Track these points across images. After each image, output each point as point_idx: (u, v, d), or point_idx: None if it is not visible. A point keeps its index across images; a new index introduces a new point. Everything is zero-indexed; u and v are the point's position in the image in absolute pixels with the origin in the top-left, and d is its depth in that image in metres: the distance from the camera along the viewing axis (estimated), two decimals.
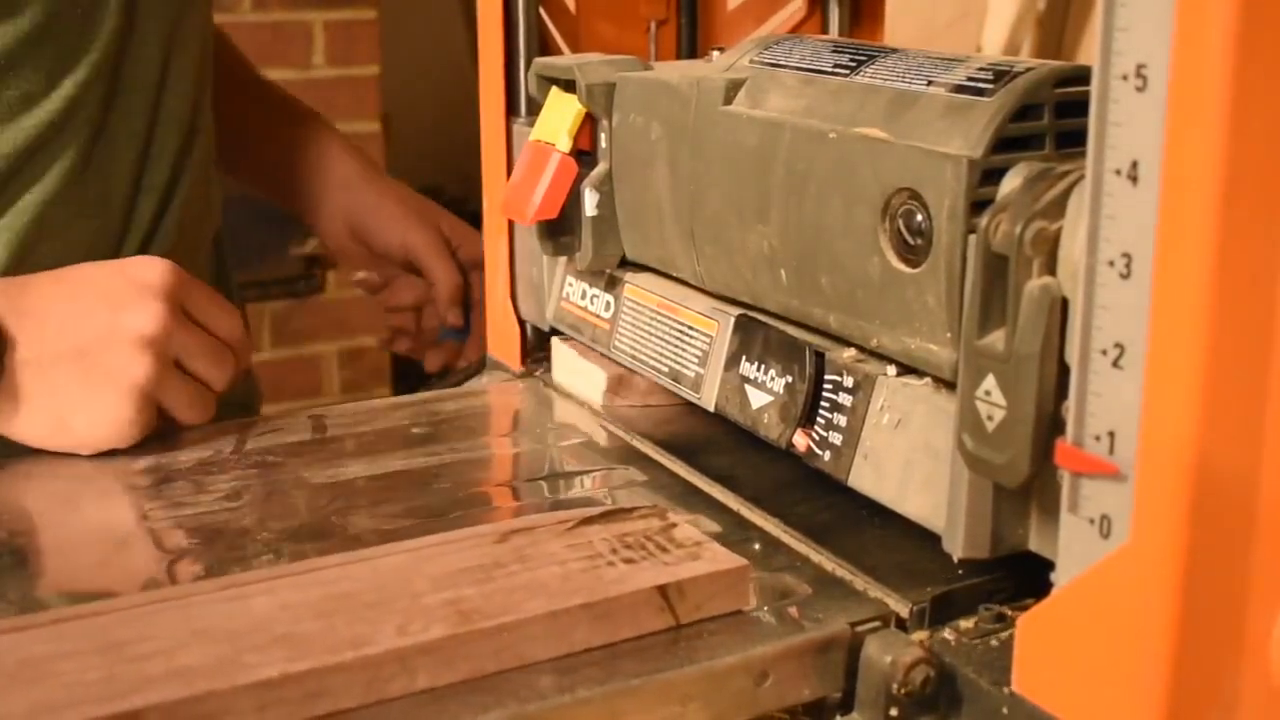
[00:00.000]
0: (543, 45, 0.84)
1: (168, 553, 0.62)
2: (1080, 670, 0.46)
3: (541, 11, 0.84)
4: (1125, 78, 0.43)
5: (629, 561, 0.54)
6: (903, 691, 0.51)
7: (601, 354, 0.79)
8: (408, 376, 2.53)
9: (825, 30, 0.91)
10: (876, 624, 0.54)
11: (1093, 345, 0.45)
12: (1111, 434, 0.45)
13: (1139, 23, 0.42)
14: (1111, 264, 0.44)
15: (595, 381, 0.79)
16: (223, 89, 1.01)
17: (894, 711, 0.51)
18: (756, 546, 0.61)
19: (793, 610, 0.55)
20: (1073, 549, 0.47)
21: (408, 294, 1.08)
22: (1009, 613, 0.54)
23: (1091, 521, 0.46)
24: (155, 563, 0.61)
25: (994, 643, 0.53)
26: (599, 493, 0.69)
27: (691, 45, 0.90)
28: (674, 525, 0.57)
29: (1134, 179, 0.43)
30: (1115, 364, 0.44)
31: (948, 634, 0.54)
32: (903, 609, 0.55)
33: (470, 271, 1.05)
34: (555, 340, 0.82)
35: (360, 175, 1.07)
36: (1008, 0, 1.95)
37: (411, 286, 1.07)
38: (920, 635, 0.54)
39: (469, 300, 1.06)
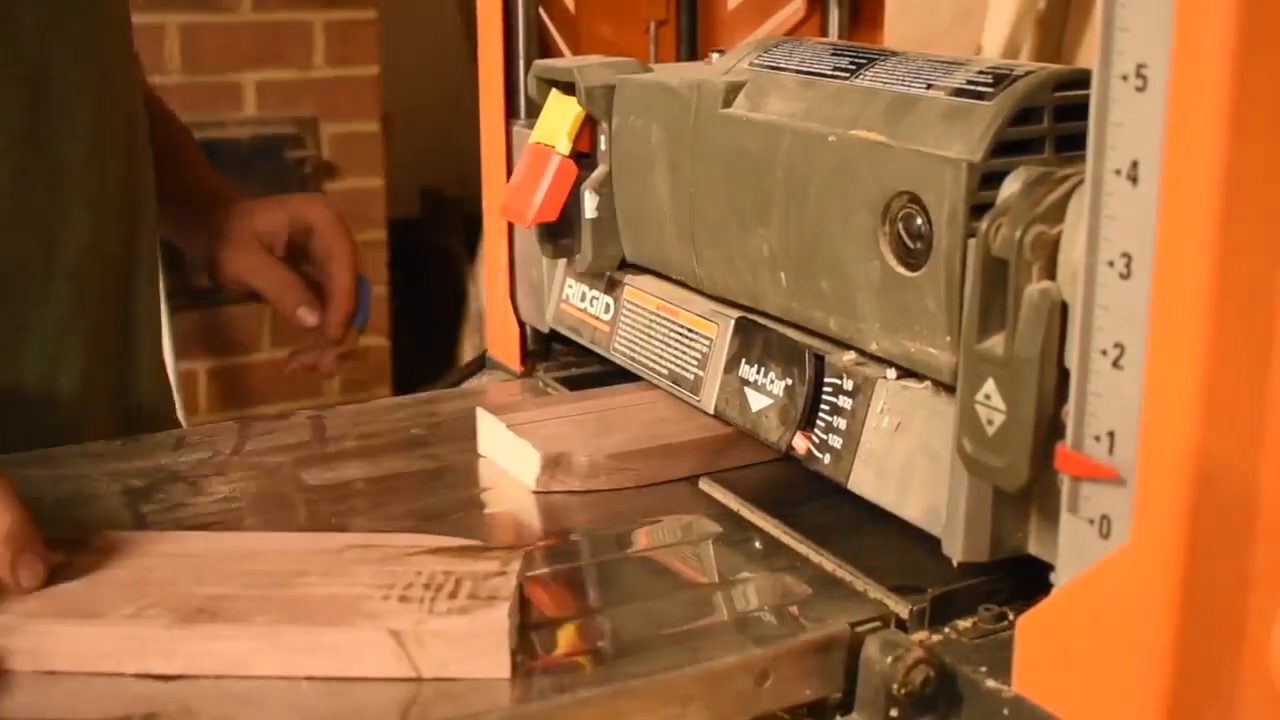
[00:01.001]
0: (542, 46, 0.84)
1: None
2: (1080, 670, 0.47)
3: (541, 12, 0.84)
4: (1125, 78, 0.43)
5: (404, 600, 0.52)
6: (903, 692, 0.51)
7: (536, 428, 0.71)
8: (408, 376, 2.54)
9: (825, 31, 0.91)
10: (877, 624, 0.54)
11: (1093, 345, 0.45)
12: (1111, 434, 0.45)
13: (1139, 23, 0.42)
14: (1111, 264, 0.44)
15: (527, 462, 0.69)
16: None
17: (894, 712, 0.51)
18: (757, 546, 0.62)
19: (793, 610, 0.55)
20: (1072, 549, 0.47)
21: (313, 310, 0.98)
22: (1009, 613, 0.54)
23: (1091, 522, 0.46)
24: None
25: (994, 643, 0.53)
26: (599, 492, 0.69)
27: (691, 45, 0.90)
28: (502, 574, 0.53)
29: (1134, 179, 0.43)
30: (1115, 364, 0.44)
31: (948, 634, 0.54)
32: (903, 609, 0.55)
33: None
34: (480, 411, 0.74)
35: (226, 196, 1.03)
36: (1008, 1, 1.95)
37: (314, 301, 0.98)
38: (920, 635, 0.54)
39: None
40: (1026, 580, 0.53)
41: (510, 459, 0.70)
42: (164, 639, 0.50)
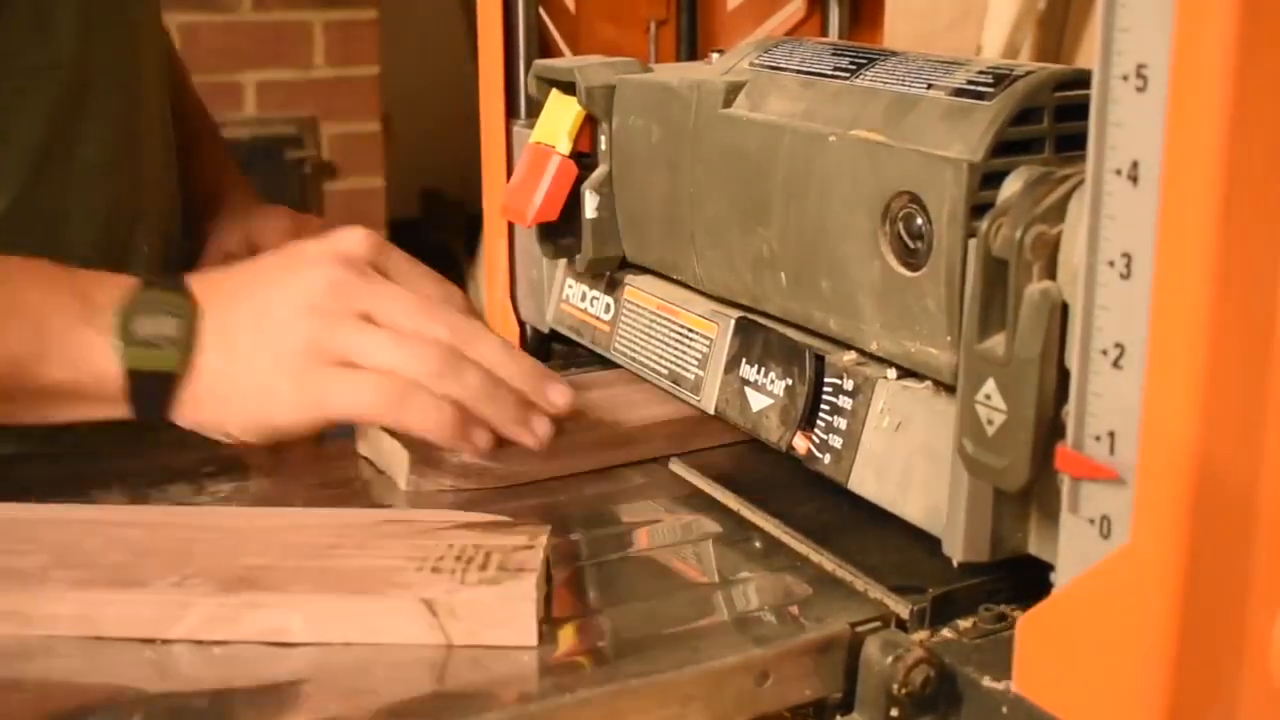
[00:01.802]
0: (543, 46, 0.84)
1: None
2: (1080, 670, 0.47)
3: (541, 12, 0.84)
4: (1125, 78, 0.43)
5: (436, 571, 0.54)
6: (903, 691, 0.51)
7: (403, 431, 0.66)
8: None
9: (825, 31, 0.91)
10: (877, 624, 0.54)
11: (1093, 345, 0.45)
12: (1111, 434, 0.45)
13: (1139, 23, 0.42)
14: (1111, 264, 0.44)
15: (398, 461, 0.68)
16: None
17: (894, 711, 0.51)
18: (757, 545, 0.62)
19: (793, 610, 0.55)
20: (1073, 549, 0.47)
21: None
22: (1009, 613, 0.54)
23: (1091, 522, 0.46)
24: None
25: (994, 643, 0.53)
26: (600, 493, 0.69)
27: (691, 45, 0.90)
28: (530, 548, 0.55)
29: (1134, 179, 0.43)
30: (1115, 364, 0.44)
31: (948, 634, 0.54)
32: (903, 609, 0.55)
33: None
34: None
35: (250, 204, 1.06)
36: (1008, 1, 1.95)
37: None
38: (920, 635, 0.54)
39: None
40: (1026, 580, 0.53)
41: (386, 459, 0.69)
42: (206, 606, 0.52)
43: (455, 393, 0.63)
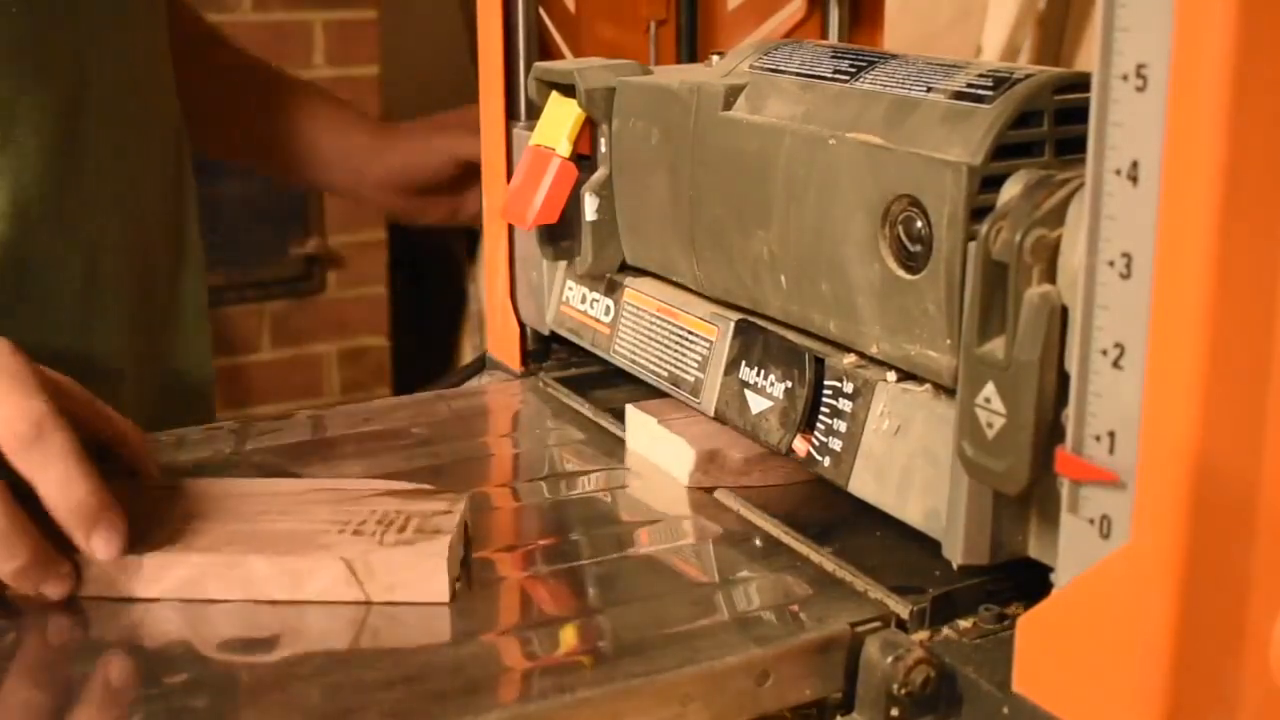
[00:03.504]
0: (543, 47, 0.84)
1: None
2: (1080, 670, 0.47)
3: (541, 13, 0.84)
4: (1125, 78, 0.43)
5: (357, 534, 0.58)
6: (903, 692, 0.51)
7: (688, 422, 0.71)
8: (408, 376, 2.53)
9: (825, 31, 0.91)
10: (877, 624, 0.54)
11: (1093, 345, 0.45)
12: (1111, 434, 0.45)
13: (1139, 23, 0.42)
14: (1111, 264, 0.44)
15: (681, 457, 0.69)
16: (213, 79, 1.02)
17: (894, 712, 0.51)
18: (757, 545, 0.62)
19: (793, 610, 0.55)
20: (1072, 549, 0.47)
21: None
22: (1009, 613, 0.54)
23: (1091, 522, 0.46)
24: None
25: (994, 643, 0.53)
26: (600, 493, 0.69)
27: (691, 45, 0.90)
28: (448, 513, 0.60)
29: (1134, 179, 0.43)
30: (1115, 364, 0.44)
31: (948, 634, 0.54)
32: (903, 609, 0.55)
33: None
34: (631, 409, 0.74)
35: (372, 134, 1.08)
36: (1008, 1, 1.95)
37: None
38: (921, 635, 0.54)
39: None
40: (1027, 580, 0.53)
41: (662, 455, 0.71)
42: (142, 564, 0.56)
43: None
